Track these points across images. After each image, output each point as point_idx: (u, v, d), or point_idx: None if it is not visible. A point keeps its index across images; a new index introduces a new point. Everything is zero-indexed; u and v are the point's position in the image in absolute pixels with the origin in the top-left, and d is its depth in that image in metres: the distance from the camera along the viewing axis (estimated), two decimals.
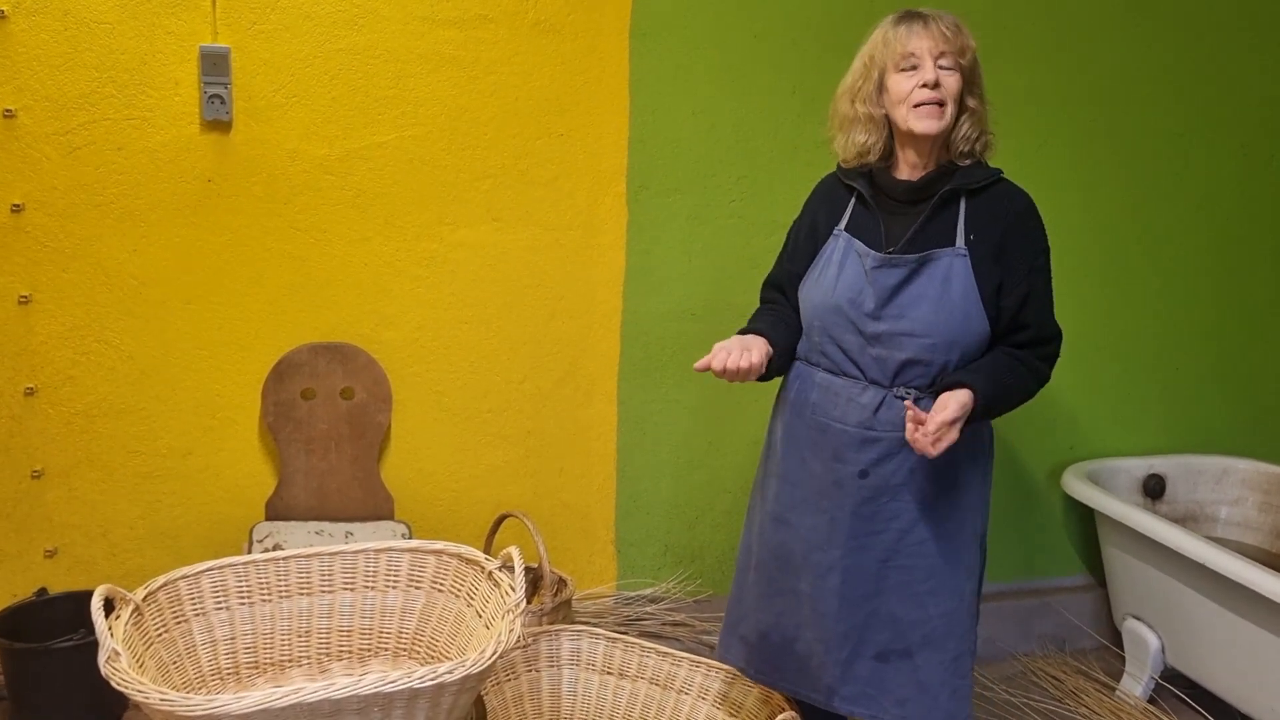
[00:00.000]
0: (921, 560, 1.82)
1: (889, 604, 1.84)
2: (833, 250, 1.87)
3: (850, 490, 1.83)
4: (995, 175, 1.82)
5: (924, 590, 1.83)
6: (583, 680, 2.28)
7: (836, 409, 1.85)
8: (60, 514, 2.40)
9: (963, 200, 1.80)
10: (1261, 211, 3.07)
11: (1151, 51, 2.89)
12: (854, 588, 1.84)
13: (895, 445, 1.80)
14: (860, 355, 1.82)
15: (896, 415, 1.79)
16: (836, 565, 1.85)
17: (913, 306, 1.78)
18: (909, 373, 1.79)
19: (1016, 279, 1.78)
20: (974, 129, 1.80)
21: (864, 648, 1.85)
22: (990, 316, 1.78)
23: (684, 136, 2.62)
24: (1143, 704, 2.70)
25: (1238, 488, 3.02)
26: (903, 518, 1.82)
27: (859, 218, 1.87)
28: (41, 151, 2.26)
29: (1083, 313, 2.95)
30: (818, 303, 1.86)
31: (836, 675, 1.86)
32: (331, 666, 1.76)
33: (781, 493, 1.93)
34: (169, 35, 2.28)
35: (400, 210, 2.48)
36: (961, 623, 1.85)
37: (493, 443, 2.64)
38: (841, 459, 1.84)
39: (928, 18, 1.78)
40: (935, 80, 1.74)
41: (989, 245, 1.78)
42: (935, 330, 1.76)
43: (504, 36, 2.47)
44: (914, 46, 1.76)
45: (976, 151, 1.82)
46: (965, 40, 1.77)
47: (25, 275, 2.30)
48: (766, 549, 1.96)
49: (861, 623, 1.85)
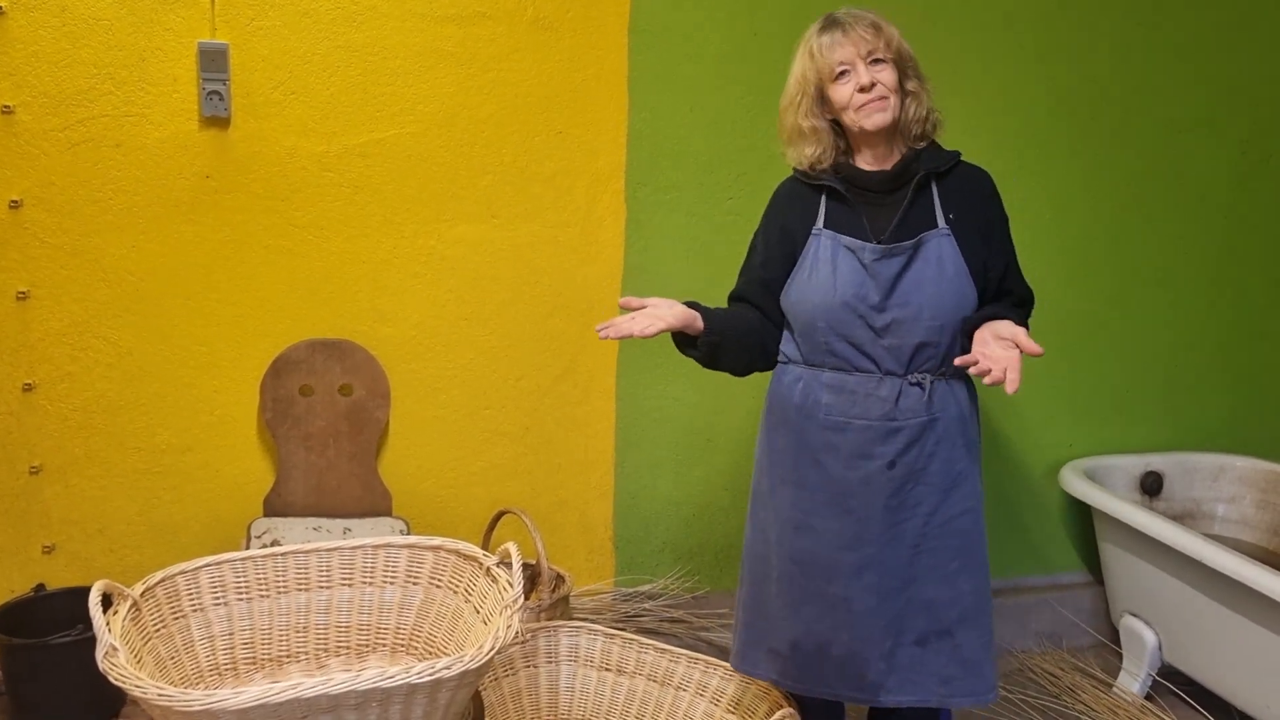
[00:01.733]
0: (949, 540, 1.86)
1: (923, 589, 1.86)
2: (817, 249, 1.87)
3: (879, 485, 1.84)
4: (957, 156, 1.88)
5: (954, 569, 1.86)
6: (581, 676, 2.28)
7: (855, 406, 1.85)
8: (58, 510, 2.40)
9: (934, 183, 1.86)
10: (1259, 209, 3.07)
11: (1153, 48, 2.89)
12: (890, 580, 1.85)
13: (917, 432, 1.83)
14: (873, 348, 1.83)
15: (915, 403, 1.83)
16: (871, 562, 1.85)
17: (916, 292, 1.81)
18: (921, 357, 1.82)
19: (995, 250, 1.86)
20: (920, 109, 1.85)
21: (904, 636, 1.86)
22: (979, 289, 1.84)
23: (682, 133, 2.62)
24: (1140, 701, 2.70)
25: (1235, 485, 3.03)
26: (928, 501, 1.85)
27: (836, 214, 1.88)
28: (40, 148, 2.26)
29: (1080, 310, 2.96)
30: (818, 303, 1.85)
31: (881, 669, 1.86)
32: (329, 662, 1.76)
33: (799, 499, 1.90)
34: (167, 32, 2.28)
35: (399, 207, 2.48)
36: (988, 596, 1.90)
37: (491, 439, 2.64)
38: (867, 455, 1.84)
39: (845, 24, 1.82)
40: (870, 81, 1.80)
41: (970, 223, 1.84)
42: (941, 311, 1.81)
43: (503, 33, 2.47)
44: (840, 56, 1.81)
45: (928, 132, 1.88)
46: (888, 33, 1.82)
47: (23, 271, 2.30)
48: (788, 558, 1.92)
49: (900, 612, 1.86)
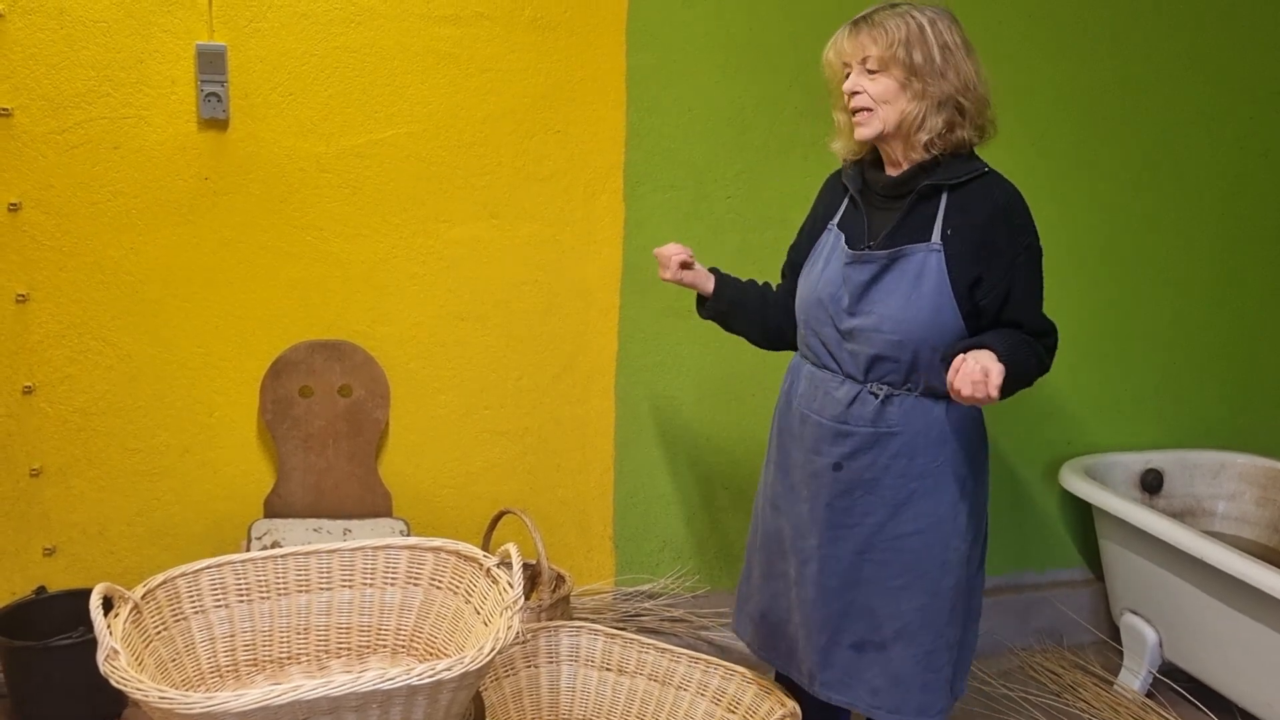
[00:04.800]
0: (895, 556, 1.82)
1: (865, 596, 1.85)
2: (824, 244, 1.90)
3: (826, 482, 1.85)
4: (978, 170, 1.75)
5: (897, 585, 1.83)
6: (581, 676, 2.28)
7: (816, 401, 1.88)
8: (58, 512, 2.40)
9: (944, 195, 1.76)
10: (1259, 206, 3.08)
11: (1152, 48, 2.89)
12: (830, 578, 1.86)
13: (868, 441, 1.80)
14: (838, 350, 1.84)
15: (869, 411, 1.80)
16: (814, 554, 1.88)
17: (882, 303, 1.77)
18: (880, 368, 1.79)
19: (996, 275, 1.72)
20: (934, 119, 1.72)
21: (841, 636, 1.87)
22: (965, 312, 1.74)
23: (681, 133, 2.62)
24: (1140, 698, 2.70)
25: (1235, 482, 3.03)
26: (877, 513, 1.82)
27: (849, 213, 1.90)
28: (38, 150, 2.26)
29: (1081, 307, 2.96)
30: (804, 296, 1.91)
31: (816, 661, 1.90)
32: (330, 664, 1.76)
33: (775, 480, 1.98)
34: (165, 34, 2.28)
35: (397, 207, 2.48)
36: (938, 617, 1.83)
37: (490, 439, 2.64)
38: (818, 451, 1.86)
39: (860, 24, 1.77)
40: (852, 90, 1.77)
41: (967, 240, 1.72)
42: (902, 327, 1.74)
43: (500, 33, 2.47)
44: (844, 57, 1.79)
45: (950, 144, 1.74)
46: (894, 37, 1.70)
47: (22, 274, 2.30)
48: (764, 533, 2.02)
49: (839, 612, 1.87)
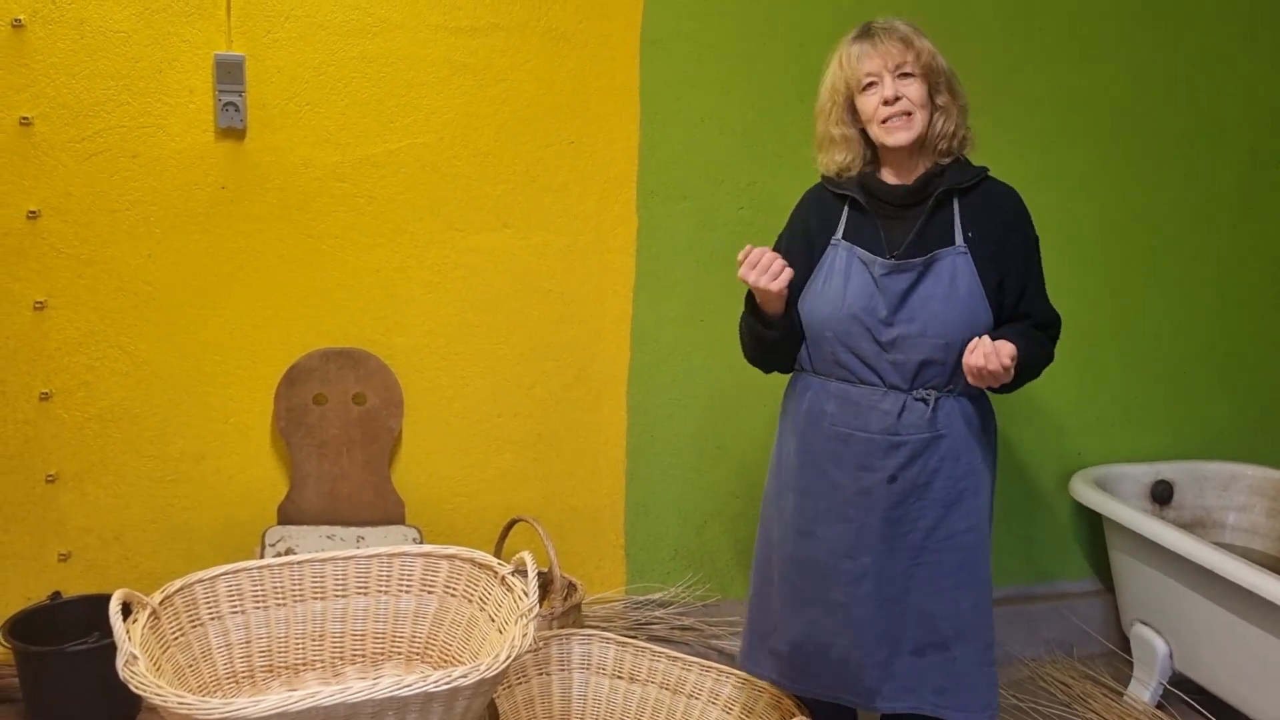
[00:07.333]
0: (948, 556, 1.86)
1: (920, 600, 1.86)
2: (834, 259, 1.88)
3: (879, 496, 1.85)
4: (983, 173, 1.86)
5: (951, 585, 1.86)
6: (593, 684, 2.28)
7: (858, 418, 1.86)
8: (74, 518, 2.42)
9: (955, 200, 1.84)
10: (1268, 216, 3.08)
11: (1161, 57, 2.90)
12: (887, 589, 1.86)
13: (920, 447, 1.83)
14: (877, 362, 1.84)
15: (919, 418, 1.83)
16: (869, 571, 1.86)
17: (923, 308, 1.81)
18: (926, 374, 1.82)
19: (1016, 273, 1.84)
20: (948, 125, 1.83)
21: (901, 645, 1.88)
22: (994, 310, 1.83)
23: (693, 143, 2.63)
24: (1151, 709, 2.70)
25: (1245, 494, 3.02)
26: (928, 516, 1.85)
27: (855, 225, 1.89)
28: (57, 159, 2.28)
29: (1090, 318, 2.96)
30: (828, 314, 1.87)
31: (876, 676, 1.88)
32: (345, 670, 1.77)
33: (803, 506, 1.93)
34: (184, 44, 2.30)
35: (412, 217, 2.50)
36: (988, 612, 1.90)
37: (503, 447, 2.65)
38: (869, 467, 1.85)
39: (877, 35, 1.81)
40: (894, 95, 1.79)
41: (988, 242, 1.82)
42: (947, 329, 1.80)
43: (515, 44, 2.49)
44: (869, 67, 1.80)
45: (955, 149, 1.85)
46: (919, 45, 1.80)
47: (41, 281, 2.32)
48: (790, 562, 1.95)
49: (896, 622, 1.87)
